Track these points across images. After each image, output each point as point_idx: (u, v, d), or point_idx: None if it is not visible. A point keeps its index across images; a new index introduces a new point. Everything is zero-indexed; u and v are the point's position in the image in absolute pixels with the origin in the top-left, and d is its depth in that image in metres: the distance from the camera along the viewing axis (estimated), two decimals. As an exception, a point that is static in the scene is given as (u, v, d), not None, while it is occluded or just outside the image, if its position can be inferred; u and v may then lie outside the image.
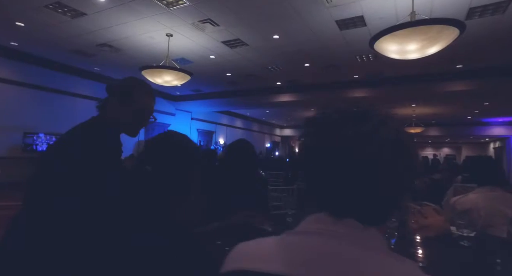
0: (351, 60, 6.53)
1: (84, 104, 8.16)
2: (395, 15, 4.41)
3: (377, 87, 7.95)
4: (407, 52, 3.34)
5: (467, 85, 6.72)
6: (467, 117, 13.56)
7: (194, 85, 9.69)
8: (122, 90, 1.29)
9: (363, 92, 8.26)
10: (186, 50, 6.32)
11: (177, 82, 5.41)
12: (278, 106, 10.68)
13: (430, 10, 4.24)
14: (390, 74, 7.41)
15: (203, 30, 5.23)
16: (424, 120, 13.85)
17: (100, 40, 5.90)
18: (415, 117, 13.50)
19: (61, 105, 7.69)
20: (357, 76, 7.79)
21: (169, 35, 5.48)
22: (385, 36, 3.20)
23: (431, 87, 7.16)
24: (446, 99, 8.99)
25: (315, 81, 8.44)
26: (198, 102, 11.02)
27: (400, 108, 12.10)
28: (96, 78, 8.44)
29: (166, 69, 5.01)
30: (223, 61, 6.97)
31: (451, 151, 21.05)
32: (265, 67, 7.33)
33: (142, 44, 6.00)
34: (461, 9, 4.18)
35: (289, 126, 20.75)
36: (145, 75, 5.28)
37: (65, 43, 6.13)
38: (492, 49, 5.47)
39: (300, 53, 6.21)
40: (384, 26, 4.73)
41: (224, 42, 5.81)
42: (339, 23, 4.76)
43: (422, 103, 10.64)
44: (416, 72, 7.00)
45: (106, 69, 7.99)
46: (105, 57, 6.91)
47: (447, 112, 12.34)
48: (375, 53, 6.06)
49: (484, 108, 11.06)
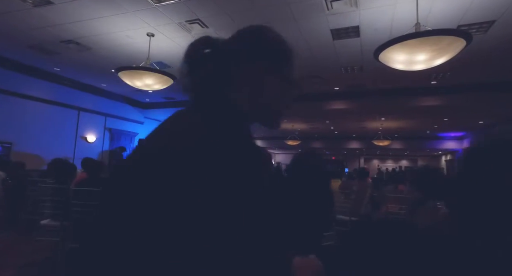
0: (336, 72, 6.55)
1: (36, 108, 7.16)
2: (389, 27, 4.45)
3: (356, 99, 8.10)
4: (414, 63, 3.29)
5: (440, 100, 7.10)
6: (426, 132, 14.53)
7: (166, 92, 9.09)
8: (277, 47, 0.71)
9: (342, 104, 8.36)
10: (166, 54, 5.83)
11: (159, 86, 4.90)
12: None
13: (426, 24, 4.33)
14: (371, 88, 7.59)
15: (190, 31, 4.84)
16: (389, 133, 14.57)
17: (66, 36, 5.19)
18: (381, 130, 14.14)
19: (7, 108, 6.61)
20: (338, 88, 7.87)
21: (150, 35, 4.99)
22: (395, 45, 3.11)
23: (407, 101, 7.45)
24: (416, 113, 9.48)
25: (295, 92, 8.36)
26: (170, 111, 10.31)
27: (370, 122, 12.60)
28: (54, 79, 7.49)
29: (148, 71, 4.49)
30: (204, 67, 6.56)
31: (409, 163, 22.49)
32: (247, 75, 7.06)
33: (117, 43, 5.41)
34: (451, 25, 4.33)
35: (258, 138, 20.59)
36: (123, 77, 4.70)
37: (21, 36, 5.29)
38: (471, 66, 5.81)
39: (287, 62, 6.05)
40: (377, 38, 4.80)
41: (209, 46, 5.44)
42: (334, 32, 4.69)
43: (392, 116, 11.14)
44: (395, 86, 7.25)
45: (68, 69, 7.12)
46: (70, 56, 6.13)
47: (410, 126, 13.10)
48: (361, 66, 6.19)
49: (443, 123, 11.91)
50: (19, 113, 6.81)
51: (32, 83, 7.07)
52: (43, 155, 7.16)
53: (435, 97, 7.07)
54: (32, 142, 6.98)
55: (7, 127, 6.52)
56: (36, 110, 7.15)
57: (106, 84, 8.30)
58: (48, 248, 3.05)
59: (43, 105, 7.31)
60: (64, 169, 3.14)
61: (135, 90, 8.92)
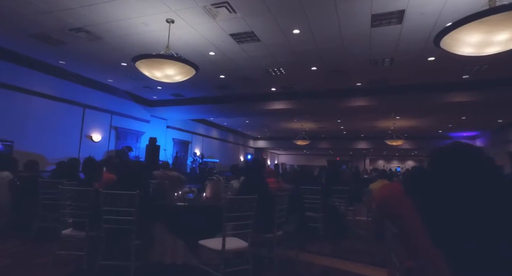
0: (362, 65, 6.12)
1: (40, 104, 6.65)
2: (438, 12, 4.02)
3: (377, 96, 7.68)
4: (489, 45, 2.86)
5: (471, 96, 6.70)
6: (438, 131, 14.18)
7: (175, 89, 8.61)
8: None
9: (361, 101, 7.94)
10: (183, 44, 5.37)
11: (180, 78, 4.43)
12: (269, 114, 9.99)
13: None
14: (393, 84, 7.18)
15: (215, 16, 4.38)
16: (399, 133, 14.19)
17: (75, 22, 4.70)
18: (392, 129, 13.77)
19: (8, 103, 6.08)
20: (360, 84, 7.45)
21: (170, 21, 4.53)
22: (472, 24, 2.68)
23: (433, 97, 7.05)
24: (436, 110, 9.10)
25: (313, 88, 7.94)
26: (177, 109, 9.88)
27: (383, 121, 12.21)
28: (59, 74, 6.98)
29: (170, 60, 4.01)
30: (222, 60, 6.12)
31: (415, 164, 22.17)
32: (266, 69, 6.62)
33: (132, 31, 4.93)
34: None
35: (263, 138, 20.17)
36: (141, 67, 4.22)
37: (24, 22, 4.79)
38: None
39: (313, 53, 5.63)
40: (421, 24, 4.38)
41: (233, 35, 5.00)
42: (375, 18, 4.26)
43: (407, 115, 10.76)
44: (422, 81, 6.84)
45: (74, 63, 6.62)
46: (77, 47, 5.63)
47: (423, 125, 12.74)
48: (392, 58, 5.77)
49: (459, 122, 11.56)
50: (21, 109, 6.29)
51: (36, 77, 6.55)
52: (46, 155, 6.64)
53: (465, 92, 6.67)
54: (34, 141, 6.46)
55: (8, 124, 6.00)
56: (39, 107, 6.63)
57: (112, 79, 7.80)
58: (70, 263, 2.55)
59: (46, 101, 6.79)
60: (93, 169, 2.64)
61: (142, 87, 8.43)
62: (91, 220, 2.25)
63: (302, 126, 14.05)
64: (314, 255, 3.29)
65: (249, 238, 2.09)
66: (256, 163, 2.51)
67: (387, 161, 23.98)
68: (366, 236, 4.07)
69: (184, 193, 2.94)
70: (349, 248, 3.61)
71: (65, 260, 2.55)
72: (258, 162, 2.51)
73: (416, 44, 5.01)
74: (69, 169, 3.42)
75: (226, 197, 2.06)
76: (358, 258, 3.34)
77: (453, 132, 14.30)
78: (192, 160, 11.64)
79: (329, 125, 13.99)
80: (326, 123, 13.56)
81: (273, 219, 2.31)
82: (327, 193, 3.85)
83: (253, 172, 2.45)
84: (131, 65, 6.51)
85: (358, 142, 17.95)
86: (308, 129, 15.03)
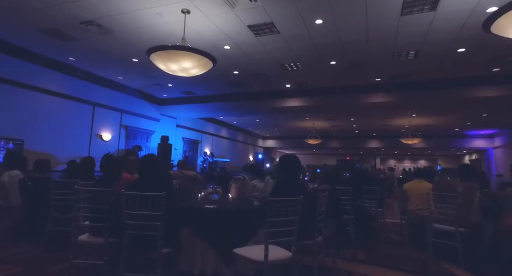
0: (384, 58, 5.81)
1: (50, 102, 6.46)
2: (478, -4, 3.69)
3: (396, 92, 7.33)
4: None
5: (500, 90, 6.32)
6: (454, 129, 13.72)
7: (186, 86, 8.38)
8: None
9: (379, 97, 7.59)
10: (198, 36, 5.11)
11: (197, 71, 4.18)
12: (282, 112, 9.70)
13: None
14: (417, 78, 6.83)
15: (234, 5, 4.11)
16: (414, 131, 13.75)
17: (86, 15, 4.48)
18: (406, 128, 13.35)
19: (18, 101, 5.90)
20: (379, 79, 7.12)
21: (186, 12, 4.27)
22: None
23: (460, 92, 6.68)
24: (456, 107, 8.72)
25: (330, 84, 7.63)
26: (188, 107, 9.65)
27: (398, 119, 11.82)
28: (69, 72, 6.80)
29: (187, 51, 3.76)
30: (237, 54, 5.85)
31: (428, 163, 21.61)
32: (282, 64, 6.34)
33: (145, 24, 4.70)
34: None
35: (272, 137, 19.87)
36: (156, 59, 3.97)
37: (36, 18, 4.59)
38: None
39: (334, 46, 5.33)
40: (457, 9, 4.03)
41: (251, 27, 4.73)
42: (406, 5, 3.95)
43: (424, 112, 10.37)
44: (447, 75, 6.48)
45: (84, 60, 6.42)
46: (88, 42, 5.42)
47: (440, 123, 12.30)
48: (418, 50, 5.44)
49: (479, 120, 11.12)
50: (31, 107, 6.11)
51: (45, 75, 6.37)
52: (56, 154, 6.46)
53: (494, 86, 6.29)
54: (44, 140, 6.28)
55: (18, 123, 5.82)
56: (49, 105, 6.45)
57: (122, 76, 7.60)
58: (86, 273, 2.27)
59: (56, 99, 6.61)
60: (113, 167, 2.36)
61: (152, 84, 8.22)
62: (111, 225, 1.99)
63: (314, 124, 13.72)
64: (350, 262, 3.00)
65: (293, 246, 1.81)
66: (293, 160, 2.22)
67: (399, 161, 23.46)
68: (399, 240, 3.76)
69: (208, 194, 2.67)
70: (385, 254, 3.31)
71: (81, 271, 2.29)
72: (295, 160, 2.22)
73: (447, 33, 4.68)
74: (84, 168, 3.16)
75: (267, 198, 1.79)
76: (397, 265, 3.04)
77: (470, 130, 13.81)
78: (202, 159, 11.41)
79: (342, 124, 13.64)
80: (339, 122, 13.21)
81: (315, 223, 2.03)
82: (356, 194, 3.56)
83: (291, 171, 2.16)
84: (143, 61, 6.31)
85: (370, 141, 17.52)
86: (320, 128, 14.69)
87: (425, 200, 3.29)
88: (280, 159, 2.29)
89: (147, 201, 1.85)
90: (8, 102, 5.70)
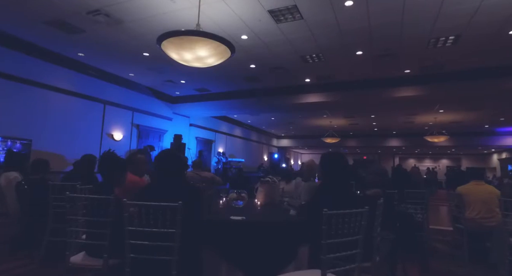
0: (417, 46, 5.23)
1: (59, 100, 6.18)
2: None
3: (429, 84, 6.70)
4: None
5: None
6: (484, 126, 12.82)
7: (199, 82, 8.00)
8: None
9: (407, 91, 6.97)
10: (213, 24, 4.68)
11: (213, 60, 3.73)
12: (300, 109, 9.20)
13: None
14: (452, 68, 6.20)
15: (253, -14, 3.65)
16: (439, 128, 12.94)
17: (93, 3, 4.13)
18: (430, 125, 12.56)
19: (26, 99, 5.63)
20: (409, 71, 6.51)
21: (201, -5, 3.83)
22: None
23: (504, 82, 6.00)
24: (492, 100, 7.99)
25: (354, 77, 7.08)
26: (201, 105, 9.26)
27: (422, 115, 11.10)
28: (78, 68, 6.51)
29: (204, 37, 3.32)
30: (254, 45, 5.39)
31: (451, 163, 20.55)
32: (303, 56, 5.85)
33: (157, 11, 4.30)
34: None
35: (286, 137, 19.33)
36: (168, 48, 3.55)
37: (41, 8, 4.27)
38: None
39: (363, 32, 4.80)
40: None
41: (271, 12, 4.26)
42: (455, -23, 3.38)
43: (454, 107, 9.64)
44: (490, 63, 5.82)
45: (93, 55, 6.12)
46: (96, 34, 5.08)
47: (468, 119, 11.47)
48: (459, 34, 4.83)
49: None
50: (40, 105, 5.84)
51: (54, 71, 6.09)
52: (66, 154, 6.17)
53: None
54: (53, 139, 6.00)
55: (26, 122, 5.55)
56: (58, 103, 6.18)
57: (134, 73, 7.28)
58: None
59: (66, 97, 6.33)
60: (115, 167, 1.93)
61: (164, 81, 7.88)
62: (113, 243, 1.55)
63: (331, 122, 13.12)
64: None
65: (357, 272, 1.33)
66: (343, 159, 1.73)
67: (419, 160, 22.44)
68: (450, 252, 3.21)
69: (231, 201, 2.20)
70: (442, 272, 2.77)
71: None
72: (345, 158, 1.73)
73: (500, 12, 4.07)
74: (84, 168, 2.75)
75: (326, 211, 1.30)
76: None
77: (502, 127, 12.86)
78: (216, 160, 11.02)
79: (361, 121, 12.98)
80: (358, 119, 12.57)
81: (373, 239, 1.55)
82: (400, 199, 3.04)
83: (342, 173, 1.66)
84: (154, 55, 5.95)
85: (389, 140, 16.73)
86: (337, 126, 14.07)
87: (490, 207, 2.74)
88: (325, 157, 1.80)
89: (164, 214, 1.40)
90: (15, 100, 5.44)
